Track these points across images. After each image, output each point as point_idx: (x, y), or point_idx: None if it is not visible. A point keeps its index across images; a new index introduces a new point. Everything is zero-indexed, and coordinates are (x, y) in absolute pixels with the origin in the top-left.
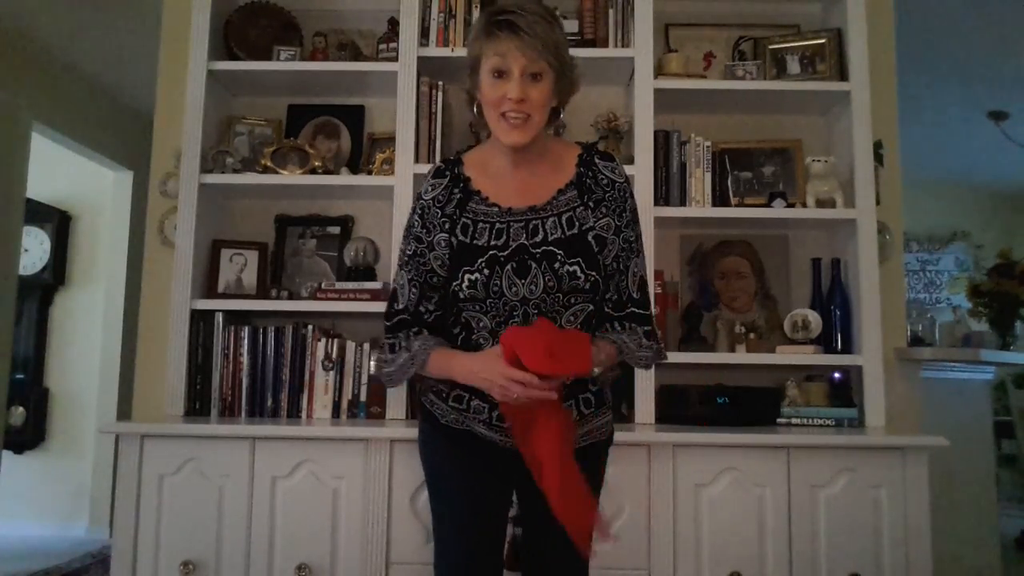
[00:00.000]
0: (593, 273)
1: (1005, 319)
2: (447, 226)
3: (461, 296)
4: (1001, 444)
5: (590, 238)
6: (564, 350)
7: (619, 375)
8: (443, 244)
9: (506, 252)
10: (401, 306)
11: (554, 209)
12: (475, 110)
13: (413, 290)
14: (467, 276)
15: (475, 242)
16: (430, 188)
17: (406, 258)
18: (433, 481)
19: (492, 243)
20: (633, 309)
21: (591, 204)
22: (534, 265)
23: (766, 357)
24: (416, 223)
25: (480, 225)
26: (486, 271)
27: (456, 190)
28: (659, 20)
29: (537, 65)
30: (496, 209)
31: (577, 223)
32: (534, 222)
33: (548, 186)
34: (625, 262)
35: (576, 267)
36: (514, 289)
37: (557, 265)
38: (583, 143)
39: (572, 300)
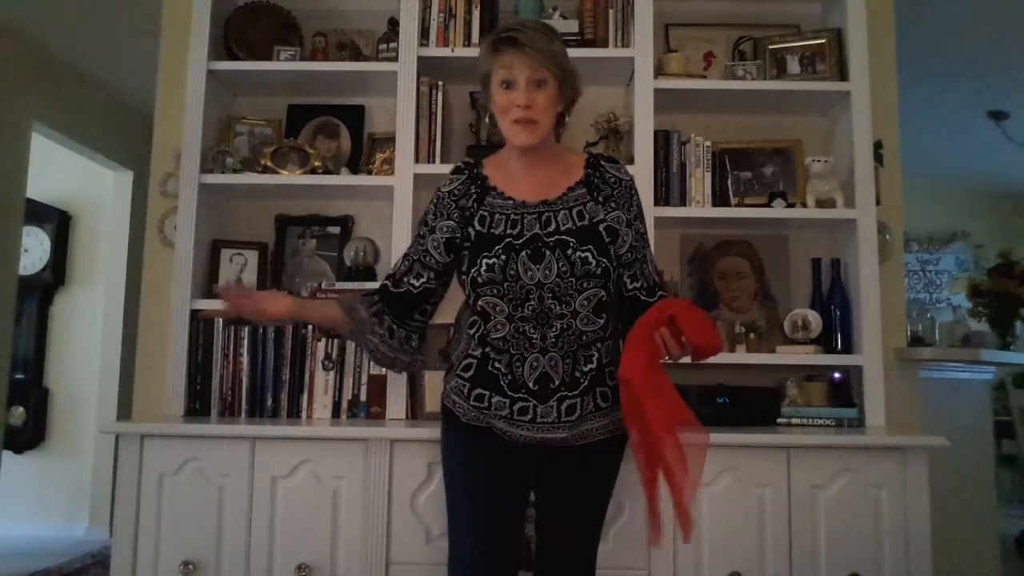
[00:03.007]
0: (604, 260)
1: (1005, 319)
2: (457, 216)
3: (480, 280)
4: (1001, 444)
5: (601, 228)
6: (712, 328)
7: None
8: (445, 230)
9: (521, 240)
10: (390, 273)
11: (565, 204)
12: (488, 119)
13: (405, 263)
14: (485, 261)
15: (492, 231)
16: (448, 183)
17: (413, 238)
18: (450, 478)
19: (508, 232)
20: (662, 293)
21: (600, 200)
22: (548, 252)
23: (766, 357)
24: (430, 210)
25: (497, 216)
26: (503, 256)
27: (474, 187)
28: (659, 20)
29: (540, 73)
30: (511, 202)
31: (588, 215)
32: (547, 214)
33: (559, 184)
34: (642, 251)
35: (588, 253)
36: (530, 273)
37: (570, 252)
38: (589, 152)
39: (585, 284)
